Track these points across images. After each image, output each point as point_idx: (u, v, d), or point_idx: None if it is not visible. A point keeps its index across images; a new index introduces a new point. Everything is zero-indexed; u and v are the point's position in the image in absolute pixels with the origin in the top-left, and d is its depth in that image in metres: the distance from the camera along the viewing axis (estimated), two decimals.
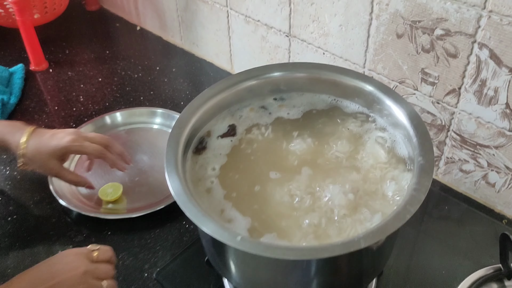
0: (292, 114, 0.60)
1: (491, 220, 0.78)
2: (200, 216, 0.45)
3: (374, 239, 0.43)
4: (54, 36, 1.25)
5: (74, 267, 0.60)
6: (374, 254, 0.49)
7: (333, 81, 0.59)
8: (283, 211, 0.50)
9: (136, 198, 0.84)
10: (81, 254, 0.62)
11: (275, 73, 0.60)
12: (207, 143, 0.57)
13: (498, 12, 0.63)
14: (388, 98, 0.55)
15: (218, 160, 0.55)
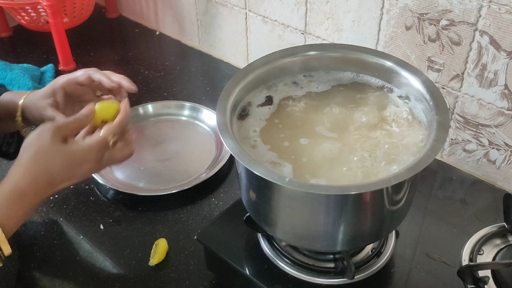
0: (320, 88, 0.68)
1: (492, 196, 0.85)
2: (252, 163, 0.53)
3: (402, 177, 0.51)
4: (79, 40, 1.33)
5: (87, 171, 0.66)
6: (397, 199, 0.57)
7: (356, 58, 0.67)
8: (324, 160, 0.58)
9: (167, 179, 0.92)
10: (97, 156, 0.66)
11: (305, 53, 0.68)
12: (249, 111, 0.65)
13: (497, 2, 0.72)
14: (405, 70, 0.64)
15: (259, 124, 0.63)
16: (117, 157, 0.69)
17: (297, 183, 0.51)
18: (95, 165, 0.66)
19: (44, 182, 0.62)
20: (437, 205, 0.83)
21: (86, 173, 0.66)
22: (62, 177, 0.63)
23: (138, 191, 0.89)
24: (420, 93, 0.61)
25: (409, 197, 0.60)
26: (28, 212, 0.61)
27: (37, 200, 0.62)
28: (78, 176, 0.65)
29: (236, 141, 0.56)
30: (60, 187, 0.64)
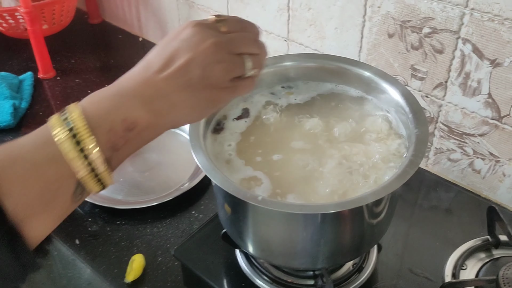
0: (299, 99, 0.66)
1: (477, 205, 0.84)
2: (224, 180, 0.51)
3: (379, 195, 0.49)
4: (60, 47, 1.31)
5: (198, 41, 0.44)
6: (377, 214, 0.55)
7: (335, 69, 0.66)
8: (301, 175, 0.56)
9: (146, 191, 0.89)
10: (203, 25, 0.46)
11: (283, 63, 0.66)
12: (224, 124, 0.63)
13: (479, 10, 0.71)
14: (384, 81, 0.62)
15: (234, 138, 0.61)
16: (241, 36, 0.48)
17: (270, 202, 0.50)
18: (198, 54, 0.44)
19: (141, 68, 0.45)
20: (421, 215, 0.81)
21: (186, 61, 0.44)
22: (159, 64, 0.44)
23: (116, 204, 0.86)
24: (400, 105, 0.60)
25: (389, 211, 0.58)
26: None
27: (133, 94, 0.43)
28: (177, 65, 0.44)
29: (208, 157, 0.54)
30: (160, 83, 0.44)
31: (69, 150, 0.39)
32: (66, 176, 0.39)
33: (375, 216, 0.55)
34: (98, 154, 0.39)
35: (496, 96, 0.76)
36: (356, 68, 0.65)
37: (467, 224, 0.80)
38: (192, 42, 0.44)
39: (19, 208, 0.37)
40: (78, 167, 0.39)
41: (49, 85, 1.18)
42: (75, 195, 0.41)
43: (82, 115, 0.40)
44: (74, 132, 0.39)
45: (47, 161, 0.39)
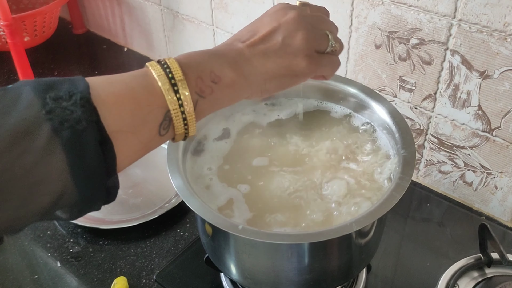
0: (282, 116, 0.64)
1: (470, 218, 0.83)
2: (203, 208, 0.49)
3: (364, 222, 0.47)
4: (43, 59, 1.28)
5: (282, 13, 0.49)
6: (364, 239, 0.53)
7: (319, 85, 0.63)
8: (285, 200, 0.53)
9: (131, 209, 0.87)
10: (289, 4, 0.52)
11: None
12: (204, 146, 0.60)
13: (467, 21, 0.69)
14: (371, 98, 0.60)
15: (215, 160, 0.59)
16: (322, 17, 0.53)
17: (251, 232, 0.47)
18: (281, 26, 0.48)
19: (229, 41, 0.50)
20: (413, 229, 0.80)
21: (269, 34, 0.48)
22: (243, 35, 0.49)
23: (99, 224, 0.84)
24: (386, 123, 0.58)
25: (377, 234, 0.56)
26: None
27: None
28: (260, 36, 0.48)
29: (187, 181, 0.52)
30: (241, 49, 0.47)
31: (164, 82, 0.42)
32: (157, 105, 0.42)
33: (363, 241, 0.53)
34: (187, 92, 0.43)
35: (486, 108, 0.74)
36: (341, 84, 0.62)
37: (459, 237, 0.78)
38: (277, 14, 0.50)
39: (112, 119, 0.39)
40: (170, 99, 0.42)
41: None
42: (162, 127, 0.43)
43: (176, 61, 0.44)
44: (169, 70, 0.43)
45: (142, 88, 0.42)
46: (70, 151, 0.36)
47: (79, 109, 0.37)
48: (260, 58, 0.47)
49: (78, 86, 0.38)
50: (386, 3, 0.75)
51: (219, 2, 1.00)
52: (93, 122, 0.37)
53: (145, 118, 0.41)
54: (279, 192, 0.55)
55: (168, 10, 1.13)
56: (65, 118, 0.36)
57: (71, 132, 0.36)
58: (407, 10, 0.74)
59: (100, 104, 0.38)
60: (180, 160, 0.55)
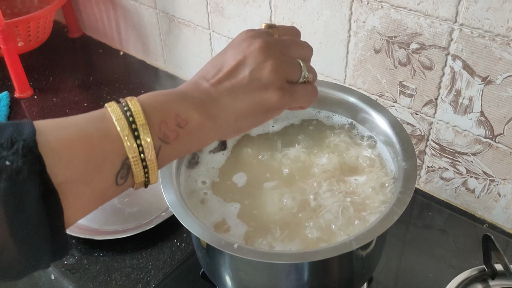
0: (278, 126, 0.62)
1: (472, 225, 0.81)
2: (197, 225, 0.47)
3: (364, 240, 0.45)
4: (38, 64, 1.26)
5: (247, 44, 0.45)
6: (364, 256, 0.51)
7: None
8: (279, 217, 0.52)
9: (126, 219, 0.85)
10: (253, 31, 0.47)
11: None
12: (199, 158, 0.58)
13: (469, 25, 0.67)
14: (370, 108, 0.58)
15: (210, 173, 0.57)
16: (292, 40, 0.48)
17: (247, 251, 0.45)
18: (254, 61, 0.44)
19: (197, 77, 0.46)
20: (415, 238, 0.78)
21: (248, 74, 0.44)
22: (214, 71, 0.45)
23: (94, 235, 0.82)
24: (386, 134, 0.56)
25: (377, 249, 0.54)
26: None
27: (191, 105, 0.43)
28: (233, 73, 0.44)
29: (181, 196, 0.50)
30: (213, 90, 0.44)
31: (123, 127, 0.38)
32: (114, 152, 0.39)
33: (363, 257, 0.51)
34: (149, 138, 0.39)
35: (488, 115, 0.72)
36: (340, 93, 0.61)
37: (462, 245, 0.77)
38: (242, 45, 0.45)
39: (61, 168, 0.36)
40: (129, 146, 0.39)
41: (26, 105, 1.14)
42: (119, 176, 0.39)
43: (138, 103, 0.40)
44: (130, 114, 0.39)
45: (98, 132, 0.38)
46: (7, 204, 0.33)
47: (20, 159, 0.33)
48: (228, 97, 0.43)
49: (22, 132, 0.35)
50: (385, 7, 0.74)
51: (215, 6, 0.98)
52: (36, 173, 0.34)
53: (100, 167, 0.38)
54: (277, 206, 0.53)
55: (163, 14, 1.11)
56: (3, 169, 0.33)
57: (10, 184, 0.33)
58: (407, 14, 0.72)
59: (49, 151, 0.35)
60: (174, 174, 0.53)
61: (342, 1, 0.78)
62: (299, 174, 0.56)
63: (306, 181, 0.55)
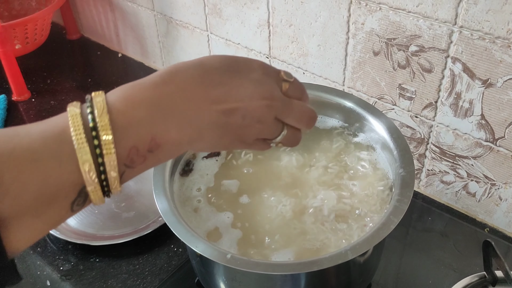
0: None
1: (473, 229, 0.80)
2: (189, 235, 0.46)
3: (360, 250, 0.44)
4: (36, 66, 1.25)
5: (257, 94, 0.41)
6: (361, 265, 0.50)
7: (314, 99, 0.60)
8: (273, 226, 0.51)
9: (123, 224, 0.84)
10: (271, 77, 0.43)
11: None
12: (194, 165, 0.57)
13: (469, 28, 0.66)
14: (368, 113, 0.57)
15: (204, 181, 0.56)
16: (296, 107, 0.45)
17: (241, 261, 0.44)
18: (261, 92, 0.42)
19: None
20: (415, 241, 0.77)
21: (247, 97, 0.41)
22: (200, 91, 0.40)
23: (91, 240, 0.81)
24: (384, 140, 0.55)
25: (375, 257, 0.53)
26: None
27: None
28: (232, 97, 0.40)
29: (174, 205, 0.49)
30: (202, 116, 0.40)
31: (84, 161, 0.34)
32: (70, 181, 0.34)
33: (360, 266, 0.50)
34: (115, 172, 0.35)
35: (489, 118, 0.71)
36: (337, 97, 0.60)
37: (463, 249, 0.76)
38: (253, 92, 0.41)
39: (8, 203, 0.32)
40: (90, 181, 0.35)
41: (23, 108, 1.13)
42: (74, 204, 0.36)
43: (108, 118, 0.35)
44: (98, 143, 0.34)
45: (54, 161, 0.34)
46: None
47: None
48: (212, 129, 0.40)
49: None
50: (384, 9, 0.72)
51: (212, 7, 0.97)
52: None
53: (53, 199, 0.34)
54: (271, 213, 0.52)
55: (161, 16, 1.10)
56: None
57: None
58: (405, 16, 0.71)
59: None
60: (167, 182, 0.52)
61: (340, 3, 0.77)
62: (294, 180, 0.55)
63: (302, 188, 0.54)
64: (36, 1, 1.30)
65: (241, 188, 0.55)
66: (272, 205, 0.53)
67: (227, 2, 0.94)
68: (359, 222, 0.51)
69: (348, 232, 0.50)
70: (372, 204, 0.52)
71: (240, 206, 0.53)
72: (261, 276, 0.47)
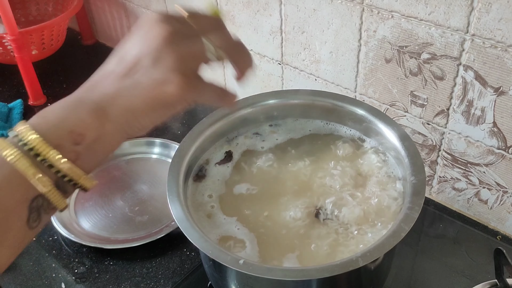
0: (286, 139, 0.62)
1: (485, 236, 0.80)
2: (203, 241, 0.47)
3: (371, 257, 0.45)
4: (52, 71, 1.27)
5: (153, 33, 0.40)
6: (372, 272, 0.51)
7: (326, 106, 0.61)
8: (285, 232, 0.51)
9: (137, 228, 0.85)
10: (161, 18, 0.41)
11: (270, 101, 0.62)
12: (207, 171, 0.58)
13: (481, 36, 0.66)
14: (379, 120, 0.58)
15: (216, 187, 0.57)
16: (209, 90, 0.44)
17: (253, 267, 0.45)
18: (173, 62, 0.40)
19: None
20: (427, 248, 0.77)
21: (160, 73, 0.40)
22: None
23: (105, 244, 0.82)
24: (395, 147, 0.55)
25: (386, 264, 0.54)
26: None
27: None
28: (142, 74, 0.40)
29: (188, 210, 0.50)
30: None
31: (24, 162, 0.36)
32: (16, 200, 0.36)
33: (371, 272, 0.51)
34: (59, 159, 0.37)
35: (501, 125, 0.71)
36: (348, 105, 0.60)
37: (475, 256, 0.76)
38: (146, 34, 0.41)
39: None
40: (39, 179, 0.36)
41: None
42: (30, 221, 0.37)
43: (33, 131, 0.37)
44: (30, 147, 0.36)
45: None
46: None
47: None
48: (126, 95, 0.39)
49: None
50: (396, 17, 0.73)
51: (226, 14, 0.98)
52: None
53: (6, 223, 0.35)
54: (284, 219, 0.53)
55: None
56: None
57: None
58: (417, 24, 0.71)
59: None
60: (181, 187, 0.53)
61: (352, 11, 0.78)
62: (306, 187, 0.56)
63: (313, 193, 0.55)
64: (53, 6, 1.32)
65: (252, 194, 0.56)
66: (284, 210, 0.53)
67: (240, 9, 0.95)
68: (371, 229, 0.51)
69: (359, 239, 0.50)
70: (383, 212, 0.53)
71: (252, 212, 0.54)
72: (274, 282, 0.47)
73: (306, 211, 0.53)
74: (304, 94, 0.63)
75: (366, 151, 0.60)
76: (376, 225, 0.51)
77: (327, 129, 0.63)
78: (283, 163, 0.59)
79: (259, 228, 0.52)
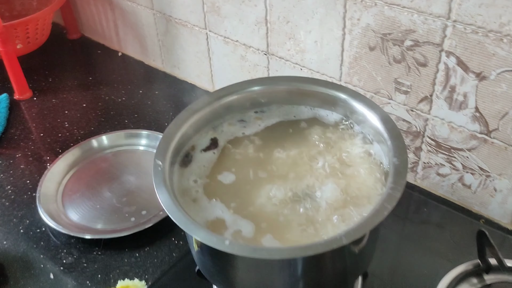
0: (271, 124, 0.63)
1: (469, 220, 0.81)
2: (189, 223, 0.47)
3: (354, 235, 0.45)
4: (37, 65, 1.27)
5: None
6: (357, 254, 0.51)
7: (309, 91, 0.62)
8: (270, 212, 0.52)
9: (125, 218, 0.86)
10: None
11: (254, 87, 0.63)
12: (192, 157, 0.59)
13: (462, 22, 0.67)
14: (362, 104, 0.59)
15: (202, 172, 0.57)
16: None
17: (237, 247, 0.46)
18: None
19: None
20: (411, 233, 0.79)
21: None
22: None
23: (93, 234, 0.82)
24: (378, 130, 0.56)
25: (370, 244, 0.55)
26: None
27: None
28: None
29: (174, 195, 0.51)
30: None
31: None
32: None
33: (356, 252, 0.52)
34: None
35: (483, 110, 0.72)
36: (331, 90, 0.61)
37: (459, 240, 0.77)
38: None
39: None
40: None
41: (25, 107, 1.15)
42: None
43: None
44: None
45: None
46: None
47: None
48: None
49: None
50: (379, 5, 0.74)
51: (211, 5, 0.98)
52: None
53: None
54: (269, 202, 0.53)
55: (160, 14, 1.12)
56: None
57: None
58: (400, 11, 0.72)
59: None
60: (167, 173, 0.53)
61: None
62: (290, 171, 0.57)
63: (298, 177, 0.56)
64: (37, 1, 1.32)
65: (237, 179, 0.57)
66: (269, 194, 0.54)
67: (225, 0, 0.95)
68: (355, 210, 0.52)
69: (343, 220, 0.51)
70: (367, 193, 0.53)
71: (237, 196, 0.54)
72: (259, 262, 0.48)
73: (289, 193, 0.54)
74: (288, 80, 0.64)
75: (349, 134, 0.60)
76: (359, 205, 0.52)
77: (311, 113, 0.63)
78: (267, 148, 0.60)
79: (243, 210, 0.53)
